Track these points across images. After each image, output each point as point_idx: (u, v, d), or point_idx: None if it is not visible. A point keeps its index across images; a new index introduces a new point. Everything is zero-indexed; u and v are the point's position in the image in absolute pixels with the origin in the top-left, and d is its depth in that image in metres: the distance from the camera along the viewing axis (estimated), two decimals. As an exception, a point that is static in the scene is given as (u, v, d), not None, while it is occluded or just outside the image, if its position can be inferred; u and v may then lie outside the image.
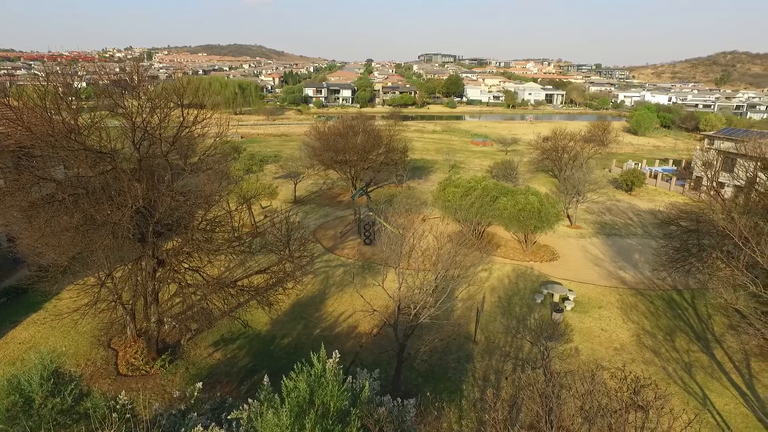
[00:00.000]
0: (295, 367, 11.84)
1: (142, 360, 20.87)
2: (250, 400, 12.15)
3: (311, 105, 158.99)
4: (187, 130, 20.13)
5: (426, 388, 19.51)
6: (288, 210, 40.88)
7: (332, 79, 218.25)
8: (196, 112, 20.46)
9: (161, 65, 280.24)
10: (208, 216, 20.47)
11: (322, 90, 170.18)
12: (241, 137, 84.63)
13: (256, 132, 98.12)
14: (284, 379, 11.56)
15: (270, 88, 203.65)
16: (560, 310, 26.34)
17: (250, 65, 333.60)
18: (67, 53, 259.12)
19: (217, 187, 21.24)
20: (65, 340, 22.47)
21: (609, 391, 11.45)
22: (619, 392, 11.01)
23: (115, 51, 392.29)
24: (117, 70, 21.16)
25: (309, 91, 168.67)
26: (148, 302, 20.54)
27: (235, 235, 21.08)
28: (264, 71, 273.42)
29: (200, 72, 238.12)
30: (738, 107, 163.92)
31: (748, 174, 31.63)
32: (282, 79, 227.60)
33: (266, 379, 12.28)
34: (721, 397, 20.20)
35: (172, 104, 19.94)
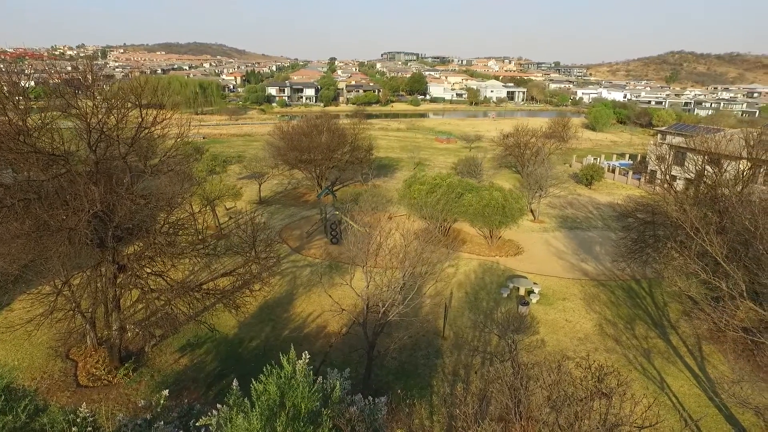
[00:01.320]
0: (264, 369, 11.68)
1: (104, 369, 20.15)
2: (219, 406, 11.91)
3: (274, 104, 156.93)
4: (146, 131, 19.53)
5: (397, 386, 19.59)
6: (253, 211, 40.38)
7: (295, 78, 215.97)
8: (155, 112, 19.87)
9: (117, 64, 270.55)
10: (171, 219, 19.93)
11: (285, 89, 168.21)
12: (203, 138, 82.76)
13: (219, 132, 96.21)
14: (253, 382, 11.40)
15: (232, 87, 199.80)
16: (526, 303, 26.93)
17: (210, 64, 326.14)
18: (11, 50, 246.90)
19: (180, 189, 20.70)
20: (18, 353, 21.42)
21: (574, 380, 11.79)
22: (584, 381, 11.34)
23: (66, 49, 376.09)
24: (69, 68, 20.32)
25: (272, 91, 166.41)
26: (109, 309, 19.85)
27: (199, 237, 20.60)
28: (225, 70, 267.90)
29: (159, 71, 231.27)
30: (686, 104, 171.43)
31: (697, 167, 33.13)
32: (244, 78, 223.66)
33: (235, 383, 12.07)
34: (677, 379, 21.13)
35: (129, 104, 19.30)
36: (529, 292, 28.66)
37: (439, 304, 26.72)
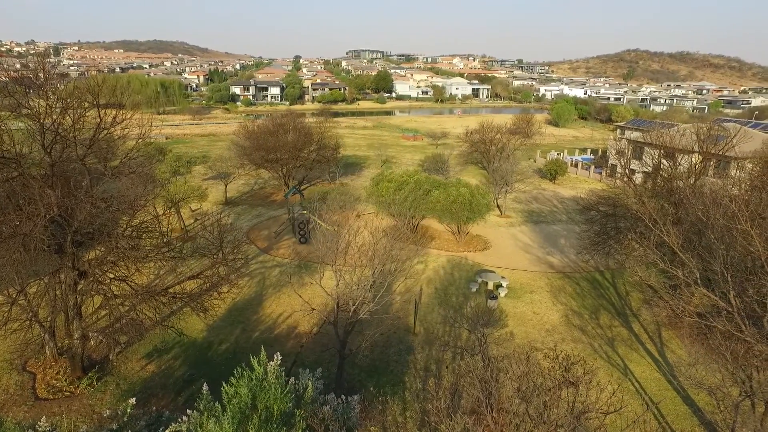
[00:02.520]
0: (235, 372, 11.53)
1: (66, 380, 19.43)
2: (189, 411, 11.70)
3: (239, 103, 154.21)
4: (105, 131, 18.90)
5: (369, 383, 19.64)
6: (219, 212, 39.64)
7: (260, 76, 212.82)
8: (114, 112, 19.24)
9: (71, 62, 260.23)
10: (134, 222, 19.36)
11: (250, 88, 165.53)
12: (166, 138, 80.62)
13: (182, 132, 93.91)
14: (224, 385, 11.24)
15: (195, 86, 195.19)
16: (495, 297, 27.41)
17: (172, 63, 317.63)
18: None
19: (142, 191, 20.12)
20: (-29, 366, 20.45)
21: (543, 371, 12.09)
22: (552, 371, 11.65)
23: (13, 45, 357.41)
24: (18, 66, 19.44)
25: (236, 89, 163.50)
26: (70, 317, 19.14)
27: (164, 240, 20.10)
28: (188, 69, 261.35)
29: (117, 70, 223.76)
30: (643, 100, 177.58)
31: (653, 161, 34.41)
32: (207, 77, 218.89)
33: (205, 387, 11.87)
34: (639, 365, 21.95)
35: (86, 104, 18.63)
36: (498, 286, 29.18)
37: (409, 300, 26.90)
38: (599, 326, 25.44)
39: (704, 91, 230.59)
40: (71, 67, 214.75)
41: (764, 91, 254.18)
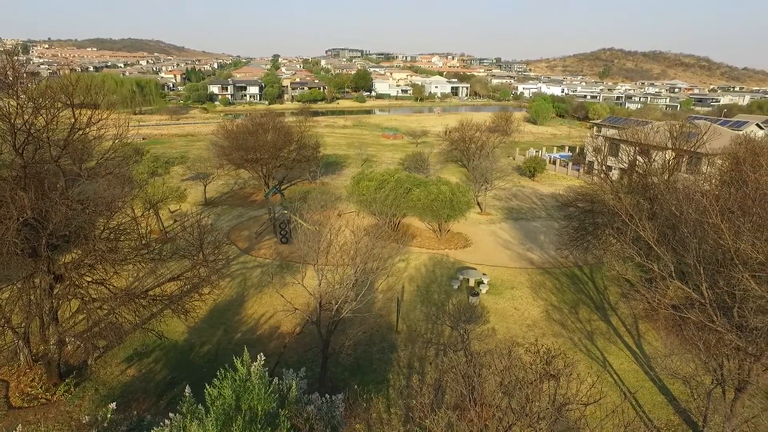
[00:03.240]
0: (218, 374, 11.46)
1: (42, 387, 18.98)
2: (171, 415, 11.58)
3: (217, 103, 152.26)
4: (80, 132, 18.52)
5: (353, 382, 19.67)
6: (199, 213, 39.13)
7: (238, 75, 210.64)
8: (89, 112, 18.86)
9: (42, 60, 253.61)
10: (111, 224, 19.02)
11: (228, 87, 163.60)
12: (143, 138, 79.25)
13: (160, 132, 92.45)
14: (207, 387, 11.17)
15: (172, 85, 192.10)
16: (476, 294, 27.68)
17: (148, 61, 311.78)
18: None
19: (120, 192, 19.77)
20: (-58, 375, 19.86)
21: (524, 365, 12.29)
22: (534, 365, 11.85)
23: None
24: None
25: (214, 89, 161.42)
26: (45, 323, 18.75)
27: (143, 242, 19.76)
28: (164, 68, 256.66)
29: (90, 69, 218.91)
30: (618, 98, 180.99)
31: (629, 157, 35.13)
32: (184, 76, 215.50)
33: (188, 389, 11.78)
34: (617, 358, 22.44)
35: (59, 104, 18.21)
36: (479, 282, 29.47)
37: (391, 298, 26.99)
38: (579, 320, 25.91)
39: (676, 90, 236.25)
40: (42, 66, 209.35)
41: (732, 89, 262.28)
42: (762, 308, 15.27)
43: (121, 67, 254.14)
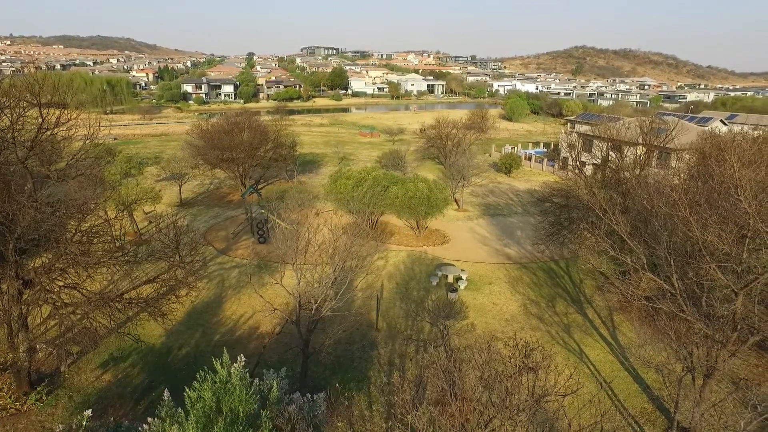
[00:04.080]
0: (197, 376, 11.33)
1: (10, 397, 18.39)
2: (149, 419, 11.41)
3: (191, 102, 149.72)
4: (48, 132, 18.02)
5: (334, 380, 19.66)
6: (174, 214, 38.52)
7: (212, 74, 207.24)
8: (57, 112, 18.36)
9: (4, 57, 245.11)
10: (83, 226, 18.56)
11: (203, 86, 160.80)
12: (115, 139, 77.47)
13: (132, 132, 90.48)
14: (187, 390, 11.03)
15: (144, 84, 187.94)
16: (455, 290, 27.93)
17: (118, 60, 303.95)
18: None
19: (92, 194, 19.32)
20: None
21: (504, 359, 12.47)
22: (513, 358, 12.04)
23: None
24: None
25: (188, 88, 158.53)
26: (14, 330, 18.16)
27: (117, 244, 19.37)
28: (136, 66, 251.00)
29: (57, 67, 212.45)
30: (591, 95, 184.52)
31: (602, 153, 35.87)
32: (157, 75, 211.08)
33: (166, 393, 11.61)
34: (594, 349, 22.95)
35: (25, 104, 17.69)
36: (457, 278, 29.73)
37: (370, 296, 27.04)
38: (556, 314, 26.39)
39: (646, 87, 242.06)
40: (4, 63, 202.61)
41: (697, 87, 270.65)
42: (727, 297, 15.83)
43: (90, 65, 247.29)
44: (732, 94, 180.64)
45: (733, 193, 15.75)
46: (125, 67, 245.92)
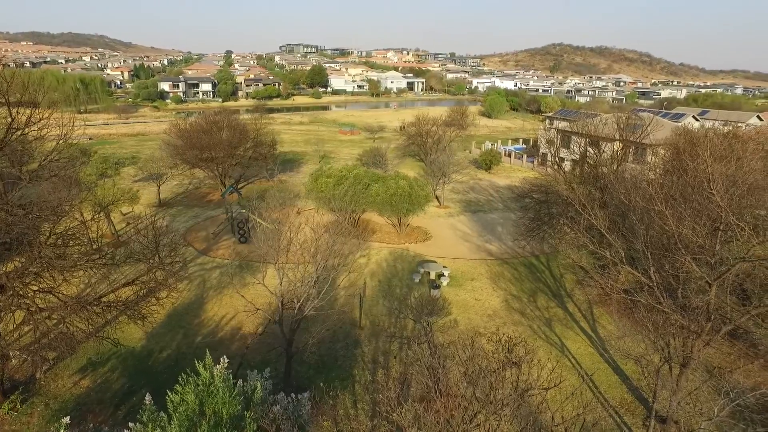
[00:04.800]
0: (179, 379, 11.17)
1: (-17, 406, 17.90)
2: (131, 424, 11.22)
3: (168, 101, 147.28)
4: (18, 132, 17.51)
5: (318, 379, 19.60)
6: (153, 214, 37.83)
7: (190, 72, 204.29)
8: (28, 111, 17.85)
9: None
10: (58, 229, 18.09)
11: (180, 84, 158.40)
12: (90, 139, 75.70)
13: (108, 132, 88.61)
14: (169, 394, 10.87)
15: (119, 83, 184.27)
16: (437, 287, 28.07)
17: (92, 57, 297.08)
18: None
19: (66, 195, 18.85)
20: None
21: (487, 354, 12.59)
22: (496, 353, 12.16)
23: None
24: None
25: (165, 86, 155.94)
26: (-13, 336, 17.65)
27: (94, 247, 18.93)
28: (110, 64, 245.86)
29: (27, 64, 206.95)
30: (569, 92, 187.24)
31: (580, 149, 36.41)
32: (132, 73, 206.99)
33: (148, 397, 11.42)
34: (575, 342, 23.31)
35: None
36: (440, 275, 29.88)
37: (353, 294, 27.01)
38: (537, 308, 26.72)
39: (622, 84, 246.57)
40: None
41: (670, 83, 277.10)
42: (702, 288, 16.24)
43: (61, 63, 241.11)
44: (703, 90, 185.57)
45: (706, 187, 16.14)
46: (99, 65, 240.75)
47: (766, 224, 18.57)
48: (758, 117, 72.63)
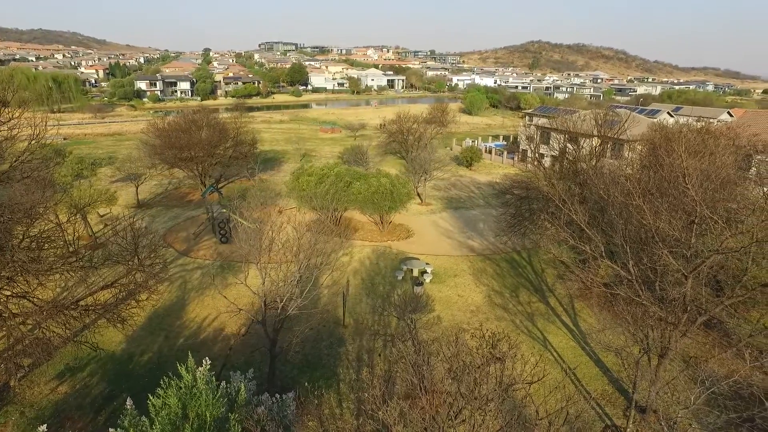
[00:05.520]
0: (161, 382, 11.01)
1: (-45, 415, 17.37)
2: (111, 430, 11.01)
3: (146, 100, 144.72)
4: (-12, 133, 17.01)
5: (303, 379, 19.53)
6: (132, 215, 37.16)
7: (167, 70, 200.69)
8: (-1, 111, 17.35)
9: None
10: (32, 232, 17.65)
11: (157, 83, 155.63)
12: (65, 139, 74.05)
13: (83, 132, 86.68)
14: (150, 397, 10.70)
15: (94, 81, 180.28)
16: (420, 284, 28.17)
17: (64, 55, 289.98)
18: None
19: (40, 197, 18.39)
20: None
21: (471, 350, 12.67)
22: (480, 349, 12.25)
23: None
24: None
25: (142, 85, 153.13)
26: (-41, 343, 17.13)
27: (71, 249, 18.52)
28: (84, 62, 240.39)
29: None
30: (547, 89, 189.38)
31: (560, 145, 36.88)
32: (108, 71, 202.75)
33: (129, 402, 11.23)
34: (557, 336, 23.64)
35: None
36: (423, 272, 29.98)
37: (337, 293, 26.94)
38: (519, 303, 27.01)
39: (599, 80, 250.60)
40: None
41: (646, 80, 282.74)
42: (678, 281, 16.61)
43: (32, 60, 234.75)
44: (677, 87, 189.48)
45: (682, 181, 16.50)
46: (72, 63, 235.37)
47: (738, 217, 19.06)
48: (729, 113, 74.52)
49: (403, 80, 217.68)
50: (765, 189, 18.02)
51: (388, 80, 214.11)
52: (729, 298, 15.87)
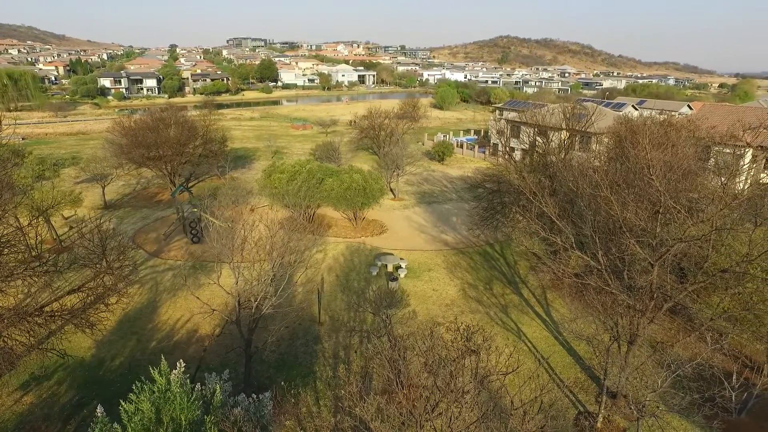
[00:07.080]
0: (133, 387, 10.77)
1: None
2: (82, 437, 10.73)
3: (110, 98, 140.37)
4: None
5: (279, 378, 19.40)
6: (98, 217, 36.04)
7: (132, 67, 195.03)
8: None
9: None
10: (-9, 237, 16.98)
11: (122, 80, 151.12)
12: (23, 138, 71.27)
13: (44, 131, 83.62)
14: (122, 403, 10.46)
15: (54, 78, 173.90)
16: (395, 279, 28.28)
17: (20, 50, 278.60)
18: None
19: (-1, 200, 17.67)
20: None
21: (446, 344, 12.82)
22: (455, 342, 12.41)
23: None
24: None
25: (106, 82, 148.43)
26: None
27: (33, 254, 17.90)
28: (42, 58, 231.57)
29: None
30: (517, 83, 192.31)
31: (530, 138, 37.48)
32: (68, 68, 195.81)
33: (99, 408, 10.95)
34: (530, 327, 24.10)
35: None
36: (397, 267, 30.10)
37: (311, 290, 26.83)
38: (493, 295, 27.41)
39: (566, 75, 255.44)
40: None
41: (611, 75, 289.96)
42: (645, 269, 17.14)
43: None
44: (640, 81, 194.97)
45: (647, 173, 16.99)
46: (29, 59, 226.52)
47: (699, 206, 19.77)
48: (689, 106, 76.95)
49: (374, 76, 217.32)
50: (722, 179, 18.72)
51: (359, 76, 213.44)
52: (692, 284, 16.45)
